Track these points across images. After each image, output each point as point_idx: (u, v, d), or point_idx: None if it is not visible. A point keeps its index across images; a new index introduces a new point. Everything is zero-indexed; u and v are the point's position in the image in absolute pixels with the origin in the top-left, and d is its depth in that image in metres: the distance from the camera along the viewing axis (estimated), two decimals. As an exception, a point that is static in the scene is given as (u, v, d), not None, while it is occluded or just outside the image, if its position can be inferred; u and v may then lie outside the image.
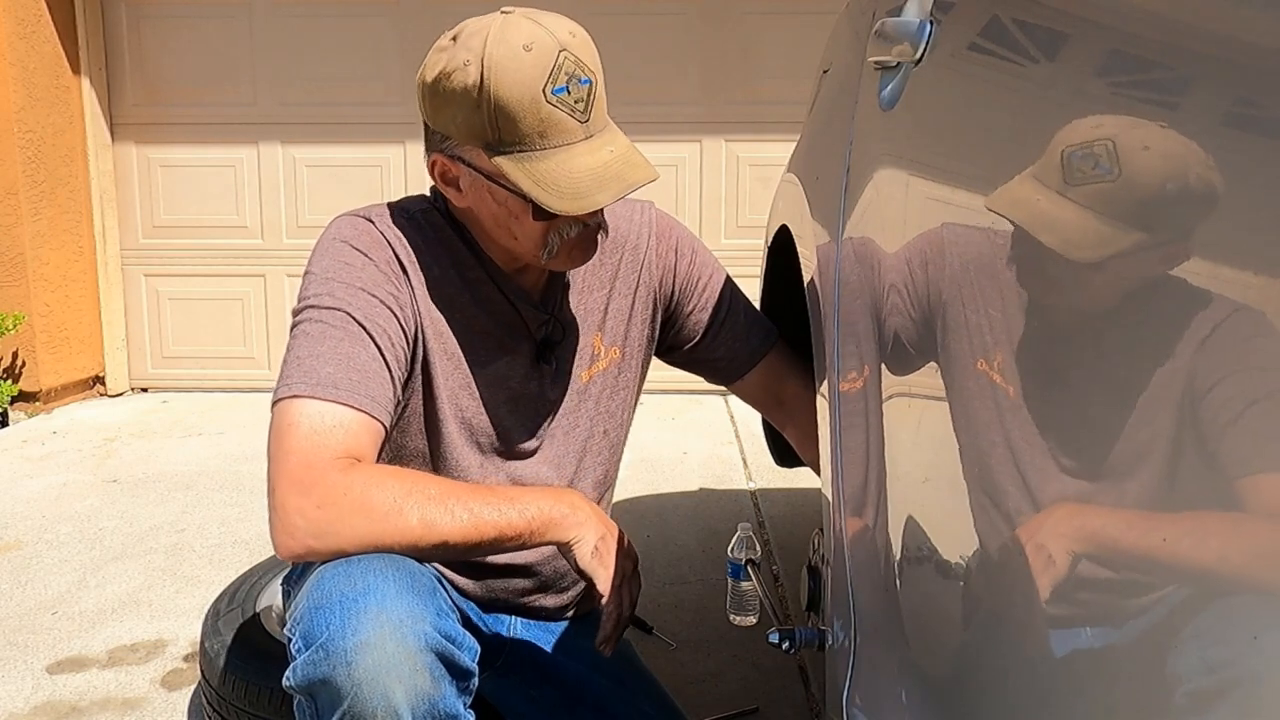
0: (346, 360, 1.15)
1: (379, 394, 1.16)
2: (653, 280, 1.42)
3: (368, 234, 1.25)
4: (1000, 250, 0.77)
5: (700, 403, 4.16)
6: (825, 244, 1.33)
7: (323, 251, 1.24)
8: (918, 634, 0.89)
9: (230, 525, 2.86)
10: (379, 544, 1.09)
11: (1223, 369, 0.50)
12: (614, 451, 1.44)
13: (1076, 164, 0.67)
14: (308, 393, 1.12)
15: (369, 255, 1.22)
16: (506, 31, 1.14)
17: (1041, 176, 0.70)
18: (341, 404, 1.12)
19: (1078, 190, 0.65)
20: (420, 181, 4.29)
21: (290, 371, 1.15)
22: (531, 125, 1.14)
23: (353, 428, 1.13)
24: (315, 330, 1.17)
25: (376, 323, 1.19)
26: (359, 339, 1.17)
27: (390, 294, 1.21)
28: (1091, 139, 0.67)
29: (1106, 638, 0.57)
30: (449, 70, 1.16)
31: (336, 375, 1.13)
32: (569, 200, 1.15)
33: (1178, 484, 0.53)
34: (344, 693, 1.06)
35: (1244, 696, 0.45)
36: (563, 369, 1.37)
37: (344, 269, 1.21)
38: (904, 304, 0.98)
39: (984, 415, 0.76)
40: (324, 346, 1.15)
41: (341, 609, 1.09)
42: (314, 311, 1.18)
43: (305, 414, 1.11)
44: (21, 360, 4.07)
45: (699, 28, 4.21)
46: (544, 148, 1.15)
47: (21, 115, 3.93)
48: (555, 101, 1.14)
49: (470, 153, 1.19)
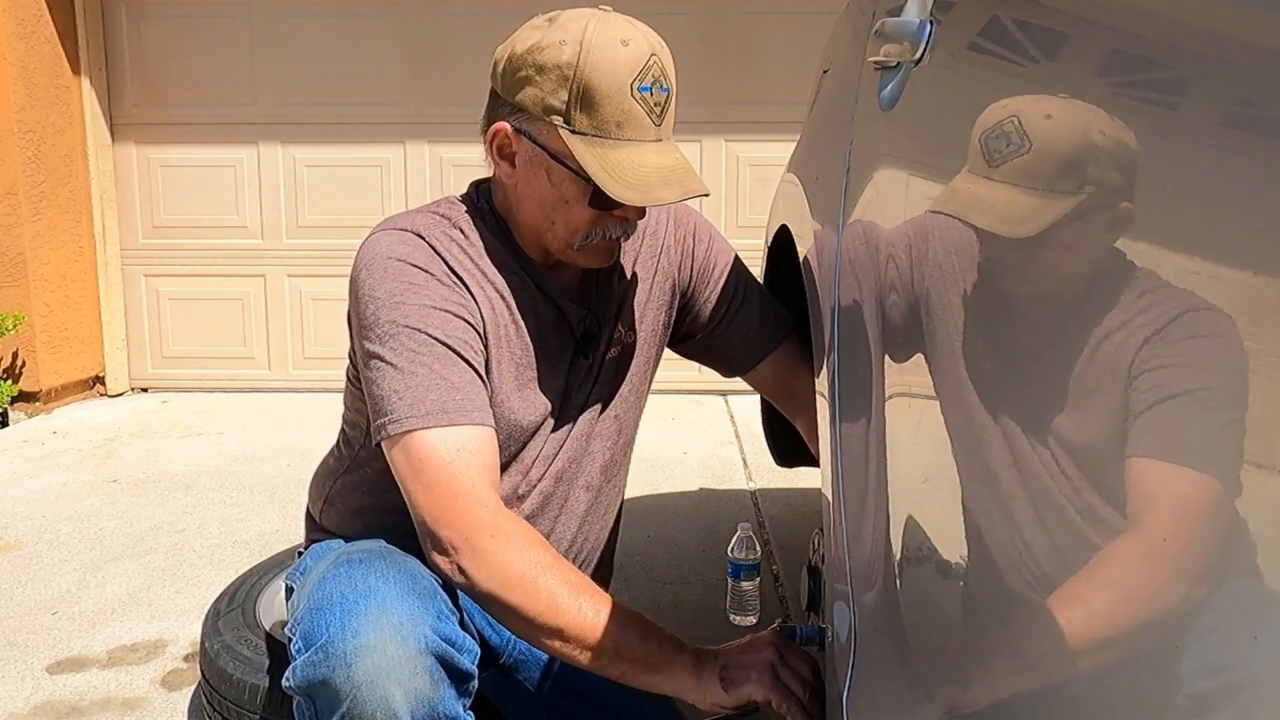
0: (444, 382, 1.19)
1: (481, 402, 1.21)
2: (671, 266, 1.45)
3: (420, 249, 1.25)
4: (994, 250, 0.77)
5: (700, 403, 4.16)
6: (825, 244, 1.33)
7: (381, 273, 1.23)
8: (918, 634, 0.89)
9: (230, 525, 2.86)
10: (506, 601, 1.13)
11: (1221, 363, 0.50)
12: (621, 434, 1.45)
13: (992, 145, 0.69)
14: (422, 425, 1.17)
15: (429, 270, 1.24)
16: (607, 23, 1.19)
17: (972, 169, 0.73)
18: (457, 425, 1.17)
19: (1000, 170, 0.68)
20: (419, 181, 4.31)
21: (394, 405, 1.18)
22: (612, 114, 1.18)
23: (475, 445, 1.18)
24: (402, 360, 1.19)
25: (456, 336, 1.22)
26: (446, 358, 1.20)
27: (459, 304, 1.24)
28: (1000, 119, 0.70)
29: (1106, 637, 0.57)
30: (542, 45, 1.19)
31: (443, 400, 1.17)
32: (634, 191, 1.18)
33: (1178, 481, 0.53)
34: (343, 695, 1.06)
35: (1245, 696, 0.45)
36: (596, 360, 1.39)
37: (410, 289, 1.22)
38: (904, 304, 0.98)
39: (984, 416, 0.76)
40: (418, 377, 1.18)
41: (342, 610, 1.09)
42: (395, 340, 1.20)
43: (428, 445, 1.16)
44: (21, 360, 4.07)
45: (699, 28, 4.21)
46: (619, 138, 1.19)
47: (21, 115, 3.93)
48: (639, 98, 1.18)
49: (540, 128, 1.22)
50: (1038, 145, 0.66)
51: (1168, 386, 0.53)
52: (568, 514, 1.41)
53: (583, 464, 1.40)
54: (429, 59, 4.19)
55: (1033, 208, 0.67)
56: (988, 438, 0.75)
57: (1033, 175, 0.67)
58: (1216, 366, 0.50)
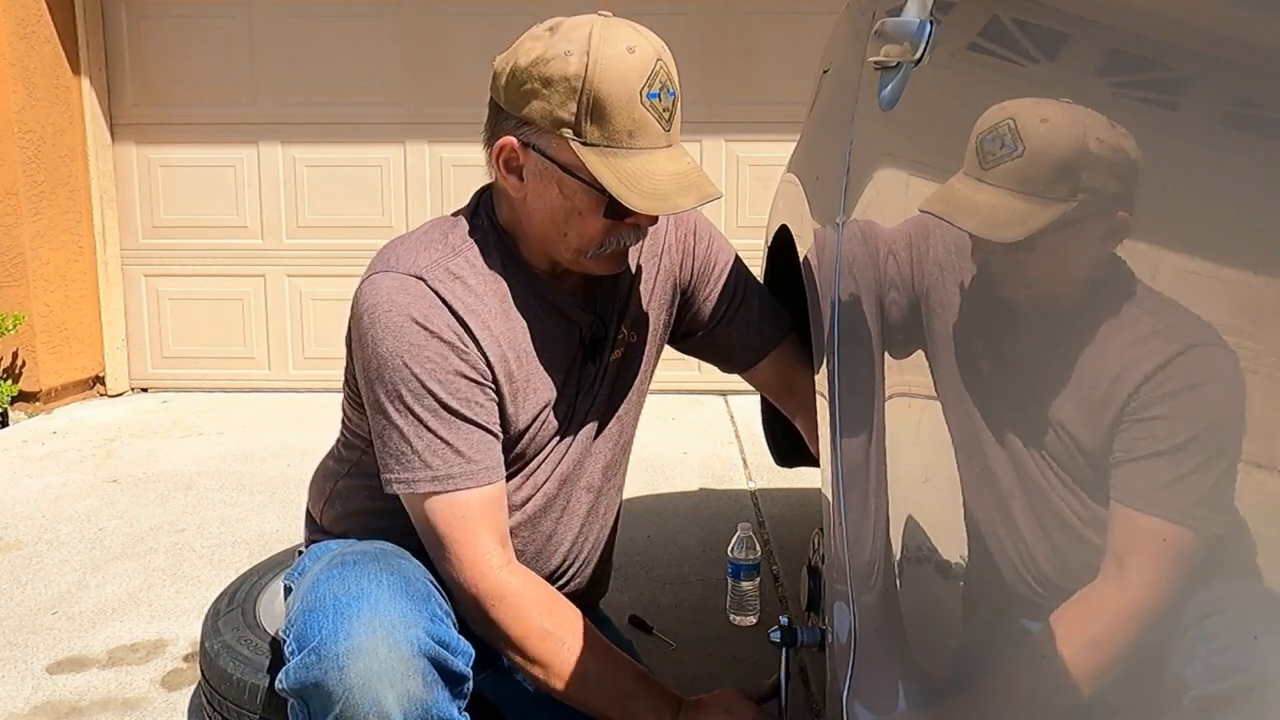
0: (447, 448, 1.22)
1: (489, 460, 1.25)
2: (672, 264, 1.44)
3: (423, 299, 1.23)
4: (992, 251, 0.77)
5: (700, 403, 4.16)
6: (825, 244, 1.33)
7: (384, 328, 1.22)
8: (918, 634, 0.89)
9: (230, 525, 2.86)
10: (512, 660, 1.24)
11: (1220, 361, 0.50)
12: (623, 434, 1.46)
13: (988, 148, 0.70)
14: (428, 489, 1.22)
15: (430, 328, 1.22)
16: (611, 31, 1.18)
17: (967, 170, 0.73)
18: (462, 490, 1.22)
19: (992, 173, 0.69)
20: (419, 181, 4.31)
21: (399, 465, 1.23)
22: (623, 123, 1.17)
23: (480, 507, 1.23)
24: (409, 425, 1.22)
25: (460, 396, 1.23)
26: (451, 424, 1.22)
27: (462, 361, 1.23)
28: (997, 121, 0.70)
29: (1106, 637, 0.57)
30: (547, 57, 1.17)
31: (447, 466, 1.22)
32: (650, 200, 1.18)
33: (1179, 480, 0.53)
34: (335, 697, 1.06)
35: (1245, 696, 0.45)
36: (601, 363, 1.39)
37: (412, 351, 1.21)
38: (904, 304, 0.98)
39: (984, 414, 0.76)
40: (423, 442, 1.22)
41: (335, 612, 1.09)
42: (400, 402, 1.22)
43: (436, 510, 1.22)
44: (21, 360, 4.07)
45: (699, 28, 4.21)
46: (631, 147, 1.18)
47: (21, 115, 3.93)
48: (649, 105, 1.17)
49: (549, 141, 1.20)
50: (1031, 149, 0.66)
51: (1160, 440, 0.54)
52: (570, 515, 1.41)
53: (585, 466, 1.40)
54: (429, 59, 4.19)
55: (1021, 212, 0.67)
56: (987, 438, 0.75)
57: (1023, 179, 0.67)
58: (1210, 417, 0.50)
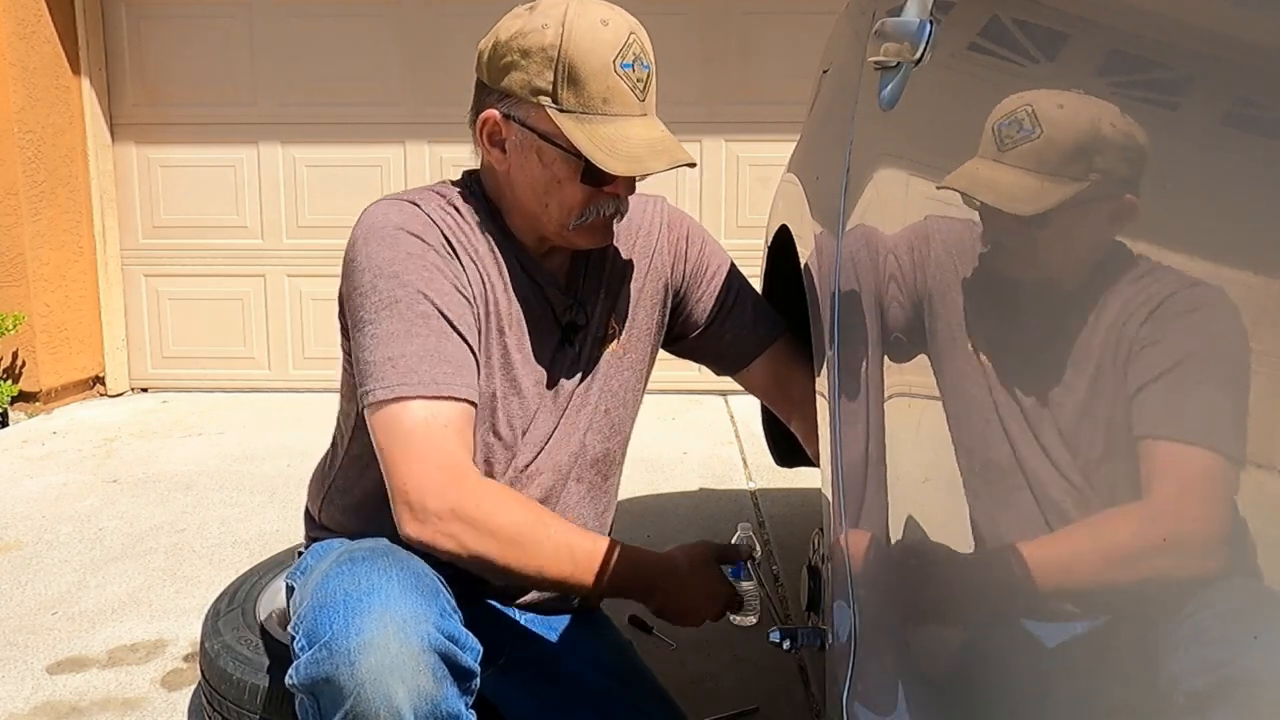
0: (437, 354, 1.20)
1: (470, 378, 1.23)
2: (664, 267, 1.46)
3: (417, 218, 1.27)
4: (995, 248, 0.77)
5: (700, 403, 4.16)
6: (825, 244, 1.33)
7: (378, 240, 1.25)
8: (918, 634, 0.89)
9: (230, 525, 2.86)
10: (496, 564, 1.18)
11: (1220, 361, 0.50)
12: (615, 431, 1.46)
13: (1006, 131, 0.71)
14: (411, 393, 1.18)
15: (424, 239, 1.26)
16: (585, 6, 1.23)
17: (982, 154, 0.74)
18: (445, 398, 1.19)
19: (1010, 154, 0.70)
20: (419, 181, 4.28)
21: (384, 372, 1.19)
22: (598, 90, 1.21)
23: (460, 422, 1.20)
24: (399, 327, 1.21)
25: (452, 309, 1.23)
26: (441, 331, 1.22)
27: (455, 276, 1.26)
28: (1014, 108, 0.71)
29: (1106, 636, 0.57)
30: (525, 30, 1.23)
31: (435, 371, 1.20)
32: (623, 162, 1.21)
33: (1178, 480, 0.53)
34: (347, 692, 1.06)
35: (1244, 696, 0.45)
36: (582, 352, 1.40)
37: (408, 259, 1.24)
38: (904, 304, 0.98)
39: (984, 414, 0.76)
40: (412, 345, 1.20)
41: (345, 608, 1.09)
42: (392, 308, 1.22)
43: (419, 417, 1.18)
44: (21, 360, 4.07)
45: (699, 28, 4.21)
46: (606, 114, 1.22)
47: (21, 115, 3.93)
48: (622, 74, 1.22)
49: (529, 110, 1.25)
50: (1049, 132, 0.67)
51: (1161, 362, 0.54)
52: (562, 507, 1.41)
53: (576, 458, 1.41)
54: (429, 59, 4.19)
55: (1038, 188, 0.67)
56: (988, 437, 0.75)
57: (1041, 160, 0.68)
58: (1211, 340, 0.50)
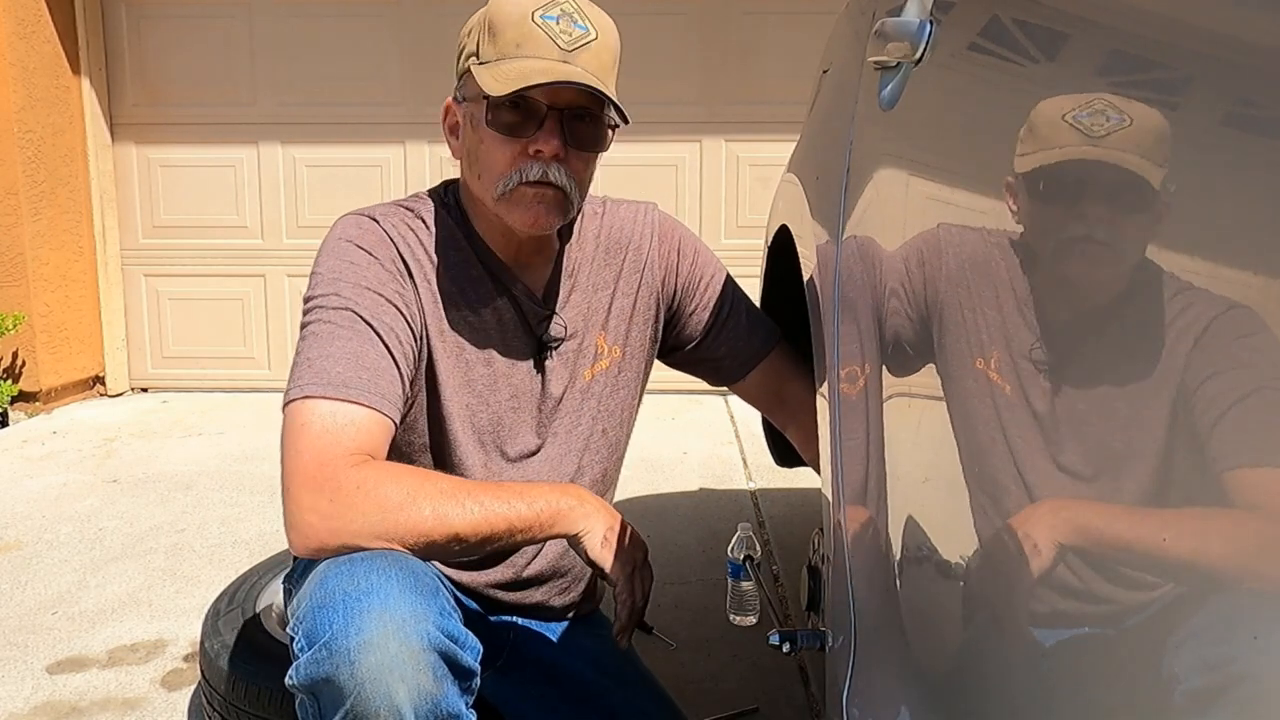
0: (356, 359, 1.16)
1: (389, 391, 1.18)
2: (655, 280, 1.43)
3: (372, 232, 1.26)
4: (996, 248, 0.77)
5: (700, 403, 4.16)
6: (825, 244, 1.33)
7: (328, 251, 1.25)
8: (918, 634, 0.89)
9: (230, 525, 2.86)
10: (391, 537, 1.09)
11: (1216, 363, 0.50)
12: (614, 451, 1.45)
13: None
14: (319, 393, 1.14)
15: (373, 254, 1.24)
16: None
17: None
18: (352, 402, 1.14)
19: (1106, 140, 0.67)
20: (419, 181, 4.30)
21: (301, 372, 1.16)
22: (512, 38, 1.21)
23: (364, 425, 1.14)
24: (324, 330, 1.18)
25: (383, 321, 1.20)
26: (367, 338, 1.18)
27: (396, 292, 1.23)
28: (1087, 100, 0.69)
29: (1107, 637, 0.57)
30: (471, 18, 1.27)
31: (347, 374, 1.15)
32: (504, 83, 1.18)
33: (1178, 481, 0.53)
34: (347, 692, 1.06)
35: (1244, 696, 0.45)
36: (566, 367, 1.37)
37: (349, 268, 1.22)
38: (904, 304, 0.98)
39: (984, 415, 0.76)
40: (333, 347, 1.17)
41: (345, 608, 1.09)
42: (321, 312, 1.20)
43: (317, 413, 1.13)
44: (21, 360, 4.07)
45: (699, 28, 4.21)
46: (516, 56, 1.20)
47: (21, 115, 3.93)
48: (540, 23, 1.20)
49: (467, 84, 1.26)
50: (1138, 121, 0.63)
51: (1162, 363, 0.53)
52: None
53: (574, 479, 1.39)
54: (429, 59, 4.19)
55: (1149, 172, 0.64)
56: (988, 436, 0.75)
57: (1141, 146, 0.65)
58: (1213, 343, 0.50)
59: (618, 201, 1.44)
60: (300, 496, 1.10)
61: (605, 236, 1.41)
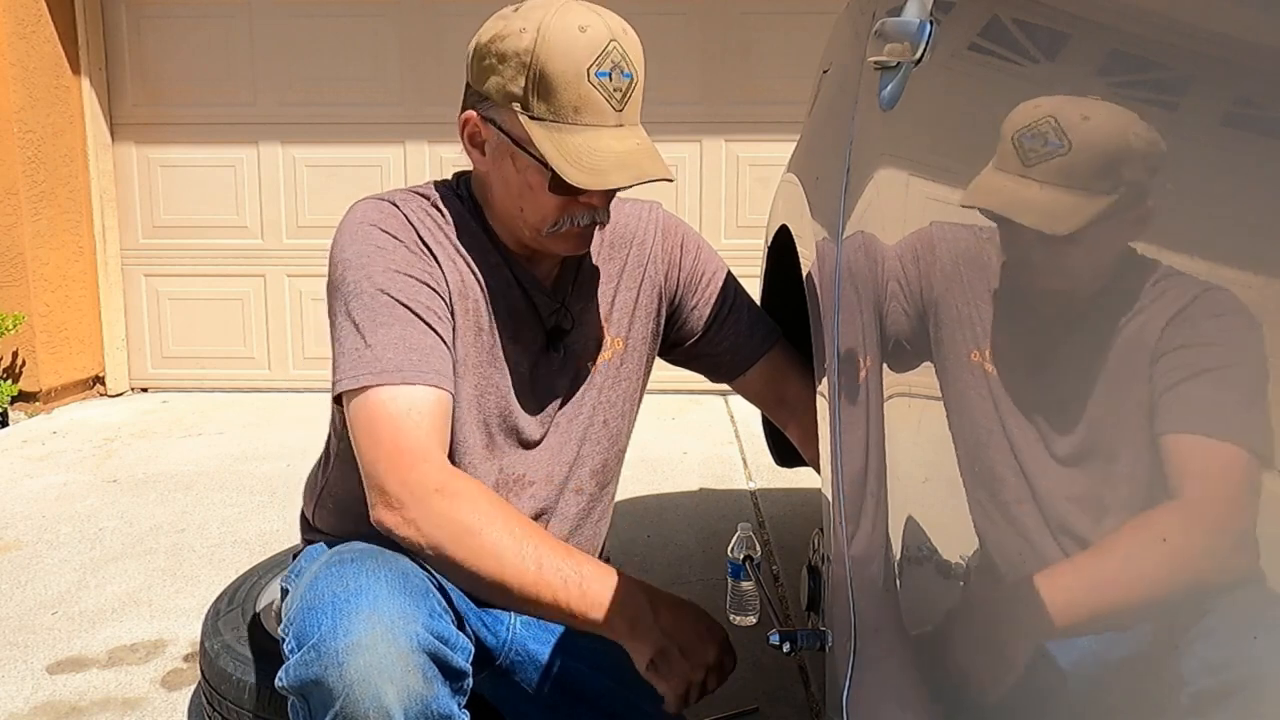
0: (402, 342, 1.19)
1: (440, 366, 1.22)
2: (658, 275, 1.45)
3: (393, 216, 1.28)
4: (994, 247, 0.77)
5: (700, 403, 4.16)
6: (825, 244, 1.33)
7: (351, 236, 1.26)
8: (918, 634, 0.89)
9: (230, 525, 2.86)
10: (451, 560, 1.14)
11: (1218, 357, 0.50)
12: (614, 442, 1.45)
13: (1029, 145, 0.69)
14: (375, 381, 1.17)
15: (397, 237, 1.26)
16: (566, 11, 1.21)
17: (1004, 165, 0.73)
18: (410, 384, 1.18)
19: (1037, 170, 0.69)
20: (419, 181, 4.29)
21: (350, 362, 1.19)
22: (569, 99, 1.19)
23: (426, 405, 1.18)
24: (364, 318, 1.20)
25: (419, 300, 1.23)
26: (407, 320, 1.21)
27: (424, 270, 1.25)
28: (1035, 119, 0.70)
29: (1107, 637, 0.57)
30: (504, 34, 1.22)
31: (399, 359, 1.18)
32: (587, 175, 1.19)
33: (1178, 480, 0.53)
34: (336, 694, 1.06)
35: (1245, 697, 0.45)
36: (571, 358, 1.39)
37: (376, 252, 1.24)
38: (904, 304, 0.98)
39: (984, 415, 0.76)
40: (378, 335, 1.19)
41: (334, 609, 1.09)
42: (357, 299, 1.22)
43: (380, 401, 1.17)
44: (21, 360, 4.07)
45: (699, 28, 4.21)
46: (576, 123, 1.20)
47: (21, 115, 3.93)
48: (596, 83, 1.19)
49: (504, 115, 1.24)
50: (1077, 145, 0.66)
51: (1190, 366, 0.52)
52: (560, 519, 1.40)
53: (574, 470, 1.40)
54: (428, 59, 4.19)
55: (1076, 205, 0.66)
56: (988, 437, 0.75)
57: (1071, 174, 0.67)
58: (1216, 344, 0.50)
59: (623, 199, 1.45)
60: (385, 486, 1.15)
61: (610, 232, 1.43)
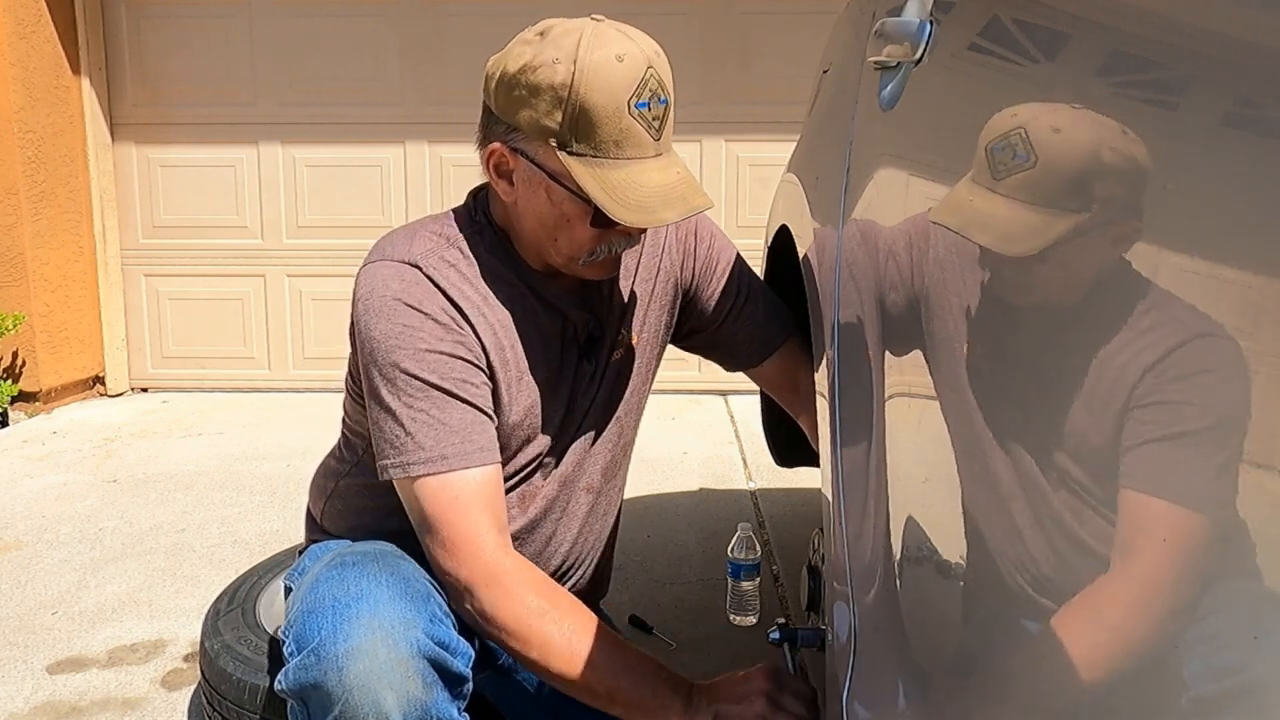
0: (441, 427, 1.20)
1: (482, 440, 1.22)
2: (673, 265, 1.44)
3: (416, 285, 1.24)
4: (995, 253, 0.77)
5: (700, 403, 4.16)
6: (825, 244, 1.33)
7: (376, 314, 1.22)
8: (918, 634, 0.89)
9: (230, 525, 2.86)
10: (508, 647, 1.17)
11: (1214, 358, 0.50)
12: (622, 436, 1.45)
13: (999, 157, 0.70)
14: (421, 472, 1.19)
15: (423, 310, 1.22)
16: (600, 39, 1.15)
17: (976, 177, 0.73)
18: (455, 470, 1.19)
19: (1004, 184, 0.69)
20: (419, 181, 4.31)
21: (394, 451, 1.20)
22: (610, 134, 1.15)
23: (473, 487, 1.20)
24: (399, 406, 1.20)
25: (453, 377, 1.21)
26: (444, 402, 1.20)
27: (456, 342, 1.23)
28: (1007, 130, 0.70)
29: (1106, 637, 0.57)
30: (535, 64, 1.16)
31: (441, 446, 1.19)
32: (635, 213, 1.16)
33: (1177, 480, 0.53)
34: (335, 698, 1.06)
35: (1245, 697, 0.45)
36: (600, 365, 1.38)
37: (404, 332, 1.21)
38: (904, 304, 0.98)
39: (984, 414, 0.76)
40: (416, 424, 1.19)
41: (334, 614, 1.09)
42: (390, 387, 1.20)
43: (432, 494, 1.19)
44: (21, 360, 4.07)
45: (699, 28, 4.21)
46: (618, 157, 1.16)
47: (21, 115, 3.93)
48: (636, 115, 1.15)
49: (537, 148, 1.19)
50: (1044, 160, 0.66)
51: (1165, 425, 0.53)
52: (569, 517, 1.40)
53: (585, 467, 1.40)
54: (428, 59, 4.19)
55: (1035, 224, 0.67)
56: (988, 438, 0.75)
57: (1037, 191, 0.67)
58: (1216, 403, 0.50)
59: None
60: (445, 580, 1.19)
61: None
